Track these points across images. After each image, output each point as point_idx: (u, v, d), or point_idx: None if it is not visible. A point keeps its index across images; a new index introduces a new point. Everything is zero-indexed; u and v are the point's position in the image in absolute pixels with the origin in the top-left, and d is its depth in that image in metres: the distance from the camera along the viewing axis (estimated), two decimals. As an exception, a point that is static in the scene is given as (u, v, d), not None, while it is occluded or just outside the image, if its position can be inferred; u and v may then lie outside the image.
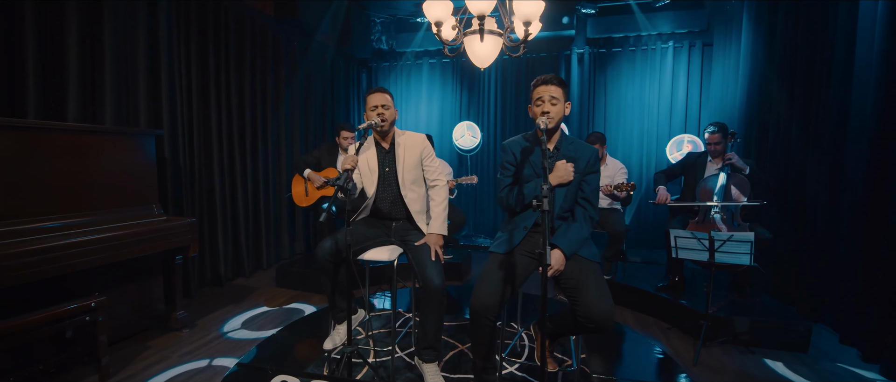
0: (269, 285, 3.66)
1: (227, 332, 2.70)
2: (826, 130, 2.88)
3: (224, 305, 3.15)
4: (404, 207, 2.05)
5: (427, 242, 1.96)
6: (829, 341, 2.64)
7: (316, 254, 1.90)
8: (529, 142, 1.79)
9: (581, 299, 1.55)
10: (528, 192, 1.70)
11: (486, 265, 1.76)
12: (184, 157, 3.20)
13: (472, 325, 1.70)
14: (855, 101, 2.63)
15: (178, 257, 2.63)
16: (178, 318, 2.65)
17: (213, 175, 3.49)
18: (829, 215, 2.79)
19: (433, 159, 2.09)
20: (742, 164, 2.86)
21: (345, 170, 1.71)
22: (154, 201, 2.64)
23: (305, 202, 3.67)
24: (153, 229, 2.40)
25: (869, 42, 2.52)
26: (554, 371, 1.79)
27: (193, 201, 3.32)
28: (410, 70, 5.78)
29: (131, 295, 2.54)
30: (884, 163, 2.39)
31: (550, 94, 1.64)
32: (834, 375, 2.26)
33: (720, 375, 2.25)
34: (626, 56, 5.02)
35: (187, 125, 3.25)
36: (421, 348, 1.90)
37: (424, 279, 1.82)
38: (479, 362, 1.74)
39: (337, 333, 1.98)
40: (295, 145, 4.54)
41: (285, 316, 2.97)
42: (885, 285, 2.30)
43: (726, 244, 2.35)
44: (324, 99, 4.97)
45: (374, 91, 2.01)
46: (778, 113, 3.39)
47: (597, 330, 1.54)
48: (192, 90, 3.27)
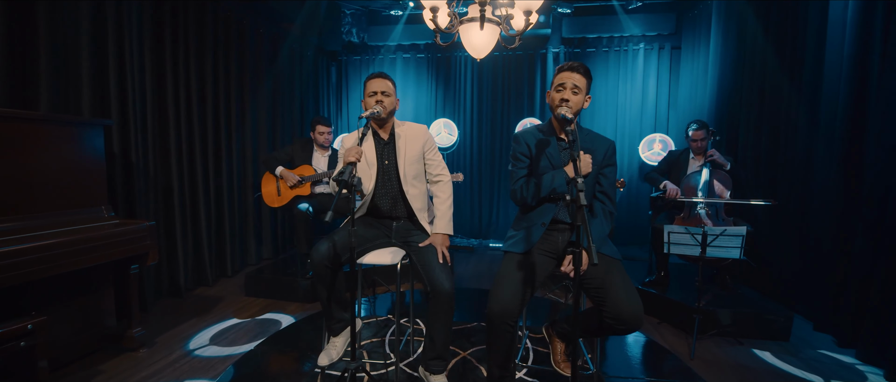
0: (236, 294, 3.33)
1: (193, 349, 2.39)
2: (797, 129, 3.03)
3: (187, 318, 2.81)
4: (406, 204, 1.89)
5: (432, 243, 1.81)
6: (805, 329, 2.77)
7: (311, 259, 1.68)
8: (544, 133, 1.69)
9: (609, 299, 1.47)
10: (546, 185, 1.60)
11: (503, 266, 1.63)
12: (136, 152, 2.82)
13: (490, 332, 1.58)
14: (824, 101, 2.77)
15: (134, 266, 2.29)
16: (135, 336, 2.30)
17: (171, 173, 3.11)
18: (803, 211, 2.93)
19: (436, 152, 1.94)
20: (723, 160, 2.94)
21: (348, 163, 1.52)
22: (103, 202, 2.29)
23: (277, 203, 3.38)
24: (103, 235, 2.06)
25: (838, 45, 2.66)
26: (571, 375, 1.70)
27: (148, 202, 2.93)
28: (383, 65, 5.56)
29: (76, 312, 2.17)
30: (855, 160, 2.53)
31: (574, 81, 1.55)
32: (818, 362, 2.35)
33: (717, 368, 2.27)
34: (600, 56, 5.11)
35: (140, 117, 2.87)
36: (428, 358, 1.74)
37: (433, 283, 1.67)
38: (496, 371, 1.62)
39: (332, 346, 1.78)
40: (261, 140, 4.20)
41: (260, 329, 2.69)
42: (859, 277, 2.43)
43: (719, 238, 2.39)
44: (292, 92, 4.65)
45: (374, 76, 1.83)
46: (748, 113, 3.55)
47: (626, 331, 1.46)
48: (146, 78, 2.90)
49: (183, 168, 3.22)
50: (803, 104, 2.95)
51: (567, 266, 1.52)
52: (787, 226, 3.06)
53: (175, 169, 3.13)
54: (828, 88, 2.74)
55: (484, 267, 4.24)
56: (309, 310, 3.00)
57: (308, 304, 3.12)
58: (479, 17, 2.18)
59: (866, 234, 2.40)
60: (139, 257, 2.25)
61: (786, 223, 3.07)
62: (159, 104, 3.03)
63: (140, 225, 2.23)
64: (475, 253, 4.84)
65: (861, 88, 2.50)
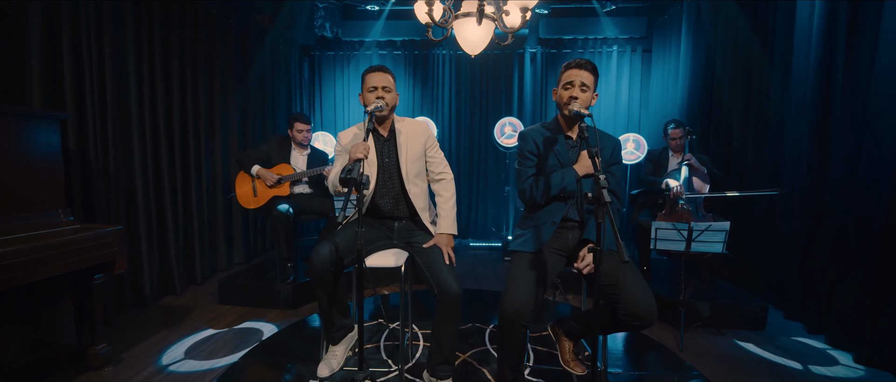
0: (208, 302, 3.10)
1: (167, 365, 2.19)
2: (767, 129, 3.20)
3: (155, 331, 2.58)
4: (408, 204, 1.81)
5: (437, 243, 1.74)
6: (776, 317, 2.93)
7: (311, 262, 1.57)
8: (551, 130, 1.67)
9: (623, 296, 1.47)
10: (555, 183, 1.58)
11: (514, 265, 1.60)
12: (95, 150, 2.56)
13: (502, 333, 1.53)
14: (792, 102, 2.94)
15: (98, 275, 2.07)
16: (100, 353, 2.08)
17: (134, 173, 2.85)
18: (772, 206, 3.10)
19: (438, 149, 1.87)
20: (699, 165, 3.05)
21: (356, 160, 1.43)
22: (60, 205, 2.05)
23: (254, 204, 3.18)
24: (63, 242, 1.83)
25: (805, 49, 2.83)
26: (583, 374, 1.70)
27: (108, 205, 2.67)
28: (359, 61, 5.40)
29: (29, 329, 1.93)
30: (822, 160, 2.70)
31: (582, 79, 1.54)
32: (794, 349, 2.49)
33: (706, 359, 2.35)
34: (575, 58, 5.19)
35: (99, 111, 2.60)
36: (435, 363, 1.68)
37: (440, 285, 1.60)
38: (508, 374, 1.58)
39: (332, 356, 1.67)
40: (232, 138, 3.94)
41: (239, 339, 2.51)
42: (827, 268, 2.59)
43: (704, 233, 2.47)
44: (263, 88, 4.41)
45: (374, 70, 1.74)
46: (719, 112, 3.73)
47: (641, 327, 1.47)
48: (106, 71, 2.63)
49: (147, 167, 2.96)
50: (772, 105, 3.12)
51: (581, 264, 1.51)
52: (757, 220, 3.23)
53: (138, 168, 2.87)
54: (795, 90, 2.91)
55: (467, 267, 4.21)
56: (291, 317, 2.84)
57: (289, 311, 2.96)
58: (476, 13, 2.13)
59: (834, 228, 2.56)
60: (105, 265, 2.03)
61: (756, 217, 3.24)
62: (120, 99, 2.77)
63: (105, 230, 2.00)
64: (456, 253, 4.79)
65: (827, 90, 2.67)
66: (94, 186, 2.54)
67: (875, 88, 2.30)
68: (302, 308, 3.01)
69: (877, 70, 2.29)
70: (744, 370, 2.26)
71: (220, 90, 3.70)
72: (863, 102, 2.39)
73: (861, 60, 2.41)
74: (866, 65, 2.37)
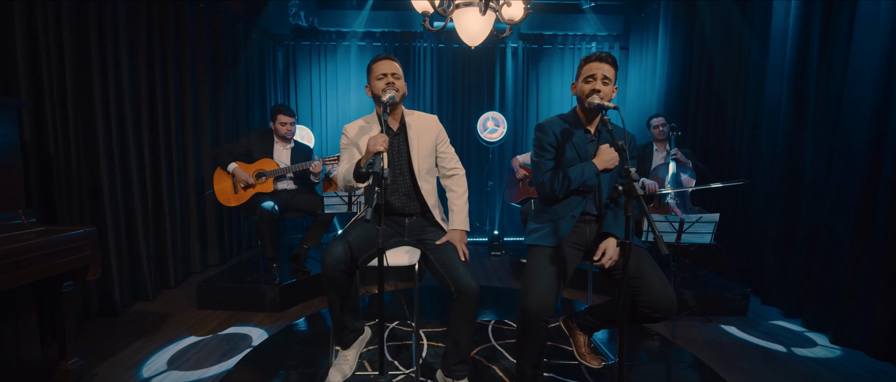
0: (185, 307, 2.89)
1: (149, 378, 2.01)
2: (743, 124, 3.35)
3: (130, 341, 2.37)
4: (420, 200, 1.74)
5: (450, 239, 1.69)
6: (754, 302, 3.09)
7: (323, 262, 1.47)
8: (569, 123, 1.65)
9: (643, 288, 1.47)
10: (576, 177, 1.56)
11: (533, 260, 1.57)
12: (55, 144, 2.30)
13: (524, 330, 1.50)
14: (768, 100, 3.10)
15: (68, 283, 1.86)
16: (72, 369, 1.87)
17: (100, 168, 2.60)
18: (748, 197, 3.26)
19: (449, 144, 1.81)
20: (685, 159, 3.16)
21: (376, 153, 1.34)
22: (20, 205, 1.83)
23: (234, 201, 2.99)
24: (27, 247, 1.62)
25: (781, 47, 2.98)
26: (599, 367, 1.70)
27: (71, 205, 2.42)
28: (336, 52, 5.21)
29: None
30: (797, 154, 2.86)
31: (603, 72, 1.52)
32: (775, 333, 2.62)
33: (698, 345, 2.43)
34: (556, 53, 5.27)
35: (58, 102, 2.34)
36: (451, 363, 1.62)
37: (458, 283, 1.55)
38: (528, 370, 1.55)
39: (344, 360, 1.57)
40: (204, 131, 3.69)
41: (227, 346, 2.35)
42: (802, 255, 2.75)
43: (694, 225, 2.55)
44: (236, 79, 4.15)
45: (382, 58, 1.65)
46: (697, 108, 3.87)
47: (661, 318, 1.48)
48: (65, 54, 2.37)
49: (114, 163, 2.70)
50: (749, 102, 3.26)
51: (604, 258, 1.50)
52: (734, 210, 3.39)
53: (104, 165, 2.61)
54: (771, 87, 3.06)
55: (455, 263, 4.16)
56: (280, 320, 2.70)
57: (277, 313, 2.81)
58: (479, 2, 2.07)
59: (809, 219, 2.72)
60: (76, 271, 1.82)
61: (734, 209, 3.39)
62: (83, 89, 2.50)
63: (75, 232, 1.80)
64: (441, 249, 4.74)
65: (801, 86, 2.82)
66: (55, 183, 2.29)
67: (849, 84, 2.44)
68: (290, 311, 2.87)
69: (850, 68, 2.43)
70: (733, 354, 2.35)
71: (191, 80, 3.45)
72: (837, 98, 2.54)
73: (835, 57, 2.56)
74: (840, 62, 2.52)
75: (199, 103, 3.61)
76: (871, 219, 2.31)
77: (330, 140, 5.24)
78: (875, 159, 2.29)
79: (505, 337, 2.37)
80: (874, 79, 2.27)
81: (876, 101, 2.27)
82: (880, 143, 2.27)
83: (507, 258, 4.30)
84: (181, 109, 3.39)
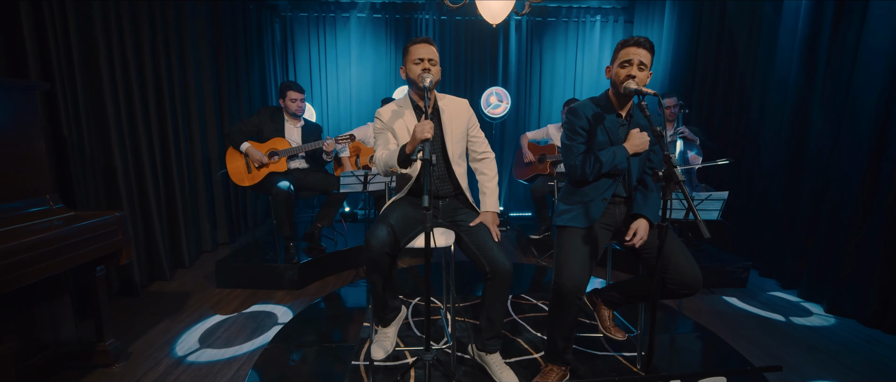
0: (203, 287, 2.92)
1: (184, 356, 2.07)
2: (750, 102, 3.41)
3: (156, 320, 2.41)
4: (453, 182, 1.77)
5: (483, 221, 1.73)
6: (753, 275, 3.25)
7: (368, 244, 1.50)
8: (601, 107, 1.68)
9: (672, 266, 1.55)
10: (607, 161, 1.60)
11: (566, 240, 1.63)
12: (68, 125, 2.25)
13: (558, 306, 1.58)
14: (776, 78, 3.14)
15: (100, 267, 1.87)
16: (110, 349, 1.91)
17: (112, 150, 2.55)
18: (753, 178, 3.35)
19: (479, 128, 1.83)
20: (693, 136, 3.22)
21: (424, 140, 1.36)
22: (47, 191, 1.81)
23: (248, 181, 2.98)
24: (61, 235, 1.62)
25: (792, 27, 3.00)
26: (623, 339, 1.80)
27: (86, 188, 2.39)
28: (335, 24, 5.05)
29: (21, 329, 1.73)
30: (803, 132, 2.94)
31: (640, 58, 1.53)
32: (773, 303, 2.78)
33: (704, 315, 2.58)
34: (560, 27, 5.20)
35: (68, 82, 2.27)
36: (485, 338, 1.71)
37: (493, 263, 1.61)
38: (561, 342, 1.64)
39: (385, 337, 1.64)
40: (207, 107, 3.61)
41: (254, 323, 2.41)
42: (803, 230, 2.88)
43: (704, 202, 2.64)
44: (236, 52, 4.03)
45: (420, 41, 1.63)
46: (703, 85, 3.91)
47: (688, 294, 1.57)
48: (71, 32, 2.27)
49: (125, 144, 2.65)
50: (758, 78, 3.31)
51: (635, 239, 1.57)
52: (738, 186, 3.49)
53: (116, 146, 2.56)
54: (780, 67, 3.10)
55: (462, 238, 4.24)
56: (300, 297, 2.76)
57: (296, 291, 2.87)
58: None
59: (810, 197, 2.83)
60: (109, 257, 1.84)
61: (737, 184, 3.50)
62: (90, 67, 2.42)
63: (106, 217, 1.80)
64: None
65: (810, 67, 2.87)
66: (71, 166, 2.25)
67: (859, 64, 2.49)
68: (308, 288, 2.93)
69: (862, 47, 2.47)
70: (736, 323, 2.50)
71: (192, 56, 3.34)
72: (847, 77, 2.60)
73: (848, 36, 2.59)
74: (852, 41, 2.56)
75: (201, 79, 3.52)
76: (872, 196, 2.43)
77: (331, 116, 5.16)
78: (881, 139, 2.38)
79: (523, 311, 2.47)
80: (886, 60, 2.32)
81: (887, 82, 2.33)
82: (886, 123, 2.35)
83: (513, 233, 4.39)
84: (185, 85, 3.30)
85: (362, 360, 1.86)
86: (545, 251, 3.56)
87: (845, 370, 2.04)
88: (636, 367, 1.90)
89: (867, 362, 2.11)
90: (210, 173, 3.65)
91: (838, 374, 2.00)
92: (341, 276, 3.16)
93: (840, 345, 2.27)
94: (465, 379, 1.69)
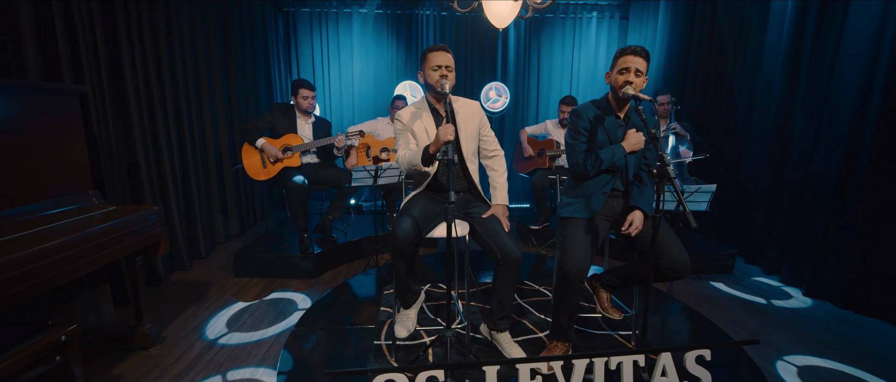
0: (223, 276, 3.08)
1: (215, 339, 2.23)
2: (738, 99, 3.60)
3: (184, 307, 2.57)
4: (467, 178, 1.94)
5: (494, 213, 1.91)
6: (738, 262, 3.47)
7: (394, 235, 1.67)
8: (601, 109, 1.85)
9: (664, 253, 1.74)
10: (606, 158, 1.78)
11: (569, 230, 1.81)
12: (98, 124, 2.38)
13: (563, 290, 1.77)
14: (763, 76, 3.33)
15: (139, 257, 2.02)
16: (149, 333, 2.07)
17: (136, 146, 2.68)
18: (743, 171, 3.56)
19: (490, 128, 2.00)
20: (684, 131, 3.41)
21: (447, 142, 1.52)
22: (89, 187, 1.95)
23: (264, 175, 3.12)
24: (108, 228, 1.76)
25: (779, 28, 3.18)
26: (620, 319, 2.00)
27: (113, 181, 2.52)
28: (337, 19, 5.15)
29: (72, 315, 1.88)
30: (786, 127, 3.14)
31: (636, 65, 1.70)
32: (757, 288, 3.00)
33: (693, 299, 2.79)
34: (558, 22, 5.34)
35: (96, 81, 2.39)
36: (496, 318, 1.89)
37: (504, 251, 1.79)
38: (564, 322, 1.83)
39: (407, 318, 1.82)
40: (218, 103, 3.72)
41: (276, 309, 2.57)
42: (785, 221, 3.09)
43: (694, 194, 2.84)
44: (243, 48, 4.12)
45: (437, 49, 1.78)
46: (695, 82, 4.09)
47: (678, 277, 1.76)
48: (97, 37, 2.38)
49: (147, 141, 2.78)
50: (746, 76, 3.49)
51: (631, 228, 1.75)
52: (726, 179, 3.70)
53: (139, 142, 2.69)
54: (767, 65, 3.29)
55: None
56: (316, 285, 2.93)
57: (311, 279, 3.03)
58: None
59: (792, 190, 3.04)
60: (148, 248, 1.99)
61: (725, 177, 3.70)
62: (114, 66, 2.54)
63: (147, 211, 1.95)
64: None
65: (794, 67, 3.05)
66: (102, 163, 2.38)
67: (838, 65, 2.69)
68: (322, 277, 3.09)
69: (841, 50, 2.66)
70: (722, 305, 2.72)
71: (204, 53, 3.45)
72: (827, 77, 2.79)
73: (828, 39, 2.78)
74: (833, 44, 2.75)
75: (212, 77, 3.62)
76: (847, 190, 2.64)
77: (334, 111, 5.28)
78: (857, 135, 2.58)
79: (526, 296, 2.66)
80: (862, 63, 2.52)
81: (862, 83, 2.52)
82: (862, 120, 2.55)
83: (513, 224, 4.57)
84: (198, 83, 3.41)
85: (384, 340, 2.04)
86: (544, 241, 3.75)
87: (818, 346, 2.26)
88: (631, 344, 2.10)
89: (838, 339, 2.33)
90: (222, 168, 3.78)
91: (811, 349, 2.22)
92: (352, 265, 3.33)
93: (815, 325, 2.49)
94: (479, 355, 1.88)
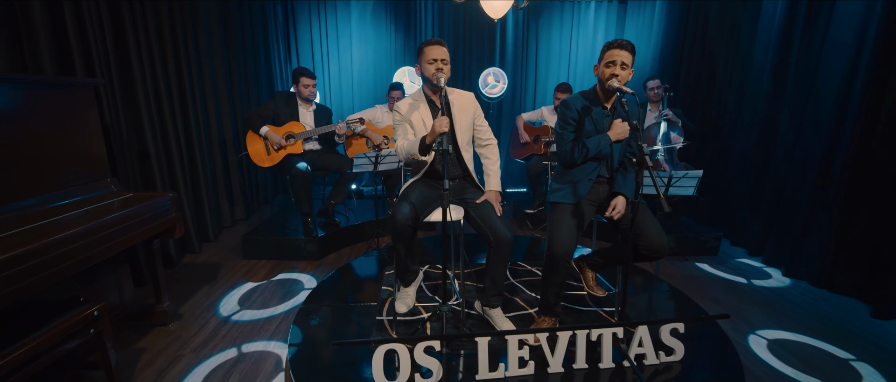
0: (231, 258, 3.23)
1: (229, 316, 2.39)
2: (730, 84, 3.69)
3: (197, 287, 2.73)
4: (462, 166, 2.06)
5: (487, 198, 2.04)
6: (724, 244, 3.62)
7: (394, 219, 1.80)
8: (589, 100, 1.95)
9: (644, 235, 1.87)
10: (593, 147, 1.89)
11: (557, 214, 1.94)
12: (110, 115, 2.49)
13: (550, 269, 1.91)
14: (754, 65, 3.42)
15: (156, 240, 2.16)
16: (167, 310, 2.23)
17: (145, 135, 2.79)
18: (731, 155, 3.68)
19: (484, 118, 2.11)
20: (676, 118, 3.51)
21: (442, 133, 1.64)
22: (108, 176, 2.08)
23: (268, 162, 3.24)
24: (129, 215, 1.88)
25: (770, 17, 3.25)
26: (603, 296, 2.15)
27: (125, 169, 2.64)
28: (336, 7, 5.18)
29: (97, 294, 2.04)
30: (774, 116, 3.24)
31: (622, 59, 1.80)
32: (740, 268, 3.16)
33: (678, 279, 2.95)
34: (556, 8, 5.36)
35: (106, 73, 2.49)
36: (489, 295, 2.04)
37: (496, 233, 1.92)
38: (552, 298, 1.98)
39: (407, 295, 1.97)
40: (221, 91, 3.82)
41: (284, 289, 2.73)
42: (769, 204, 3.23)
43: (681, 179, 2.96)
44: (243, 36, 4.19)
45: (434, 43, 1.88)
46: (689, 69, 4.17)
47: (656, 258, 1.90)
48: (105, 30, 2.47)
49: (155, 129, 2.89)
50: (737, 65, 3.58)
51: (614, 212, 1.88)
52: (715, 164, 3.82)
53: (148, 131, 2.80)
54: (758, 54, 3.37)
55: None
56: (320, 267, 3.08)
57: (315, 261, 3.19)
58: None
59: (777, 174, 3.16)
60: (165, 232, 2.12)
61: (714, 162, 3.83)
62: (122, 60, 2.63)
63: (163, 198, 2.08)
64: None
65: (784, 56, 3.14)
66: (115, 152, 2.50)
67: (824, 56, 2.78)
68: (326, 259, 3.25)
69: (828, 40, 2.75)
70: (705, 285, 2.88)
71: (206, 44, 3.52)
72: (813, 68, 2.88)
73: (816, 29, 2.86)
74: (820, 34, 2.83)
75: (215, 65, 3.70)
76: (827, 176, 2.76)
77: (333, 97, 5.35)
78: (838, 125, 2.69)
79: (519, 276, 2.81)
80: (847, 54, 2.61)
81: (845, 74, 2.62)
82: (844, 110, 2.66)
83: (509, 208, 4.72)
84: (201, 72, 3.50)
85: (385, 316, 2.19)
86: (539, 224, 3.89)
87: (791, 321, 2.42)
88: (614, 319, 2.26)
89: (810, 315, 2.49)
90: (227, 154, 3.90)
91: (783, 325, 2.38)
92: (355, 248, 3.48)
93: (791, 302, 2.65)
94: (473, 329, 2.03)
